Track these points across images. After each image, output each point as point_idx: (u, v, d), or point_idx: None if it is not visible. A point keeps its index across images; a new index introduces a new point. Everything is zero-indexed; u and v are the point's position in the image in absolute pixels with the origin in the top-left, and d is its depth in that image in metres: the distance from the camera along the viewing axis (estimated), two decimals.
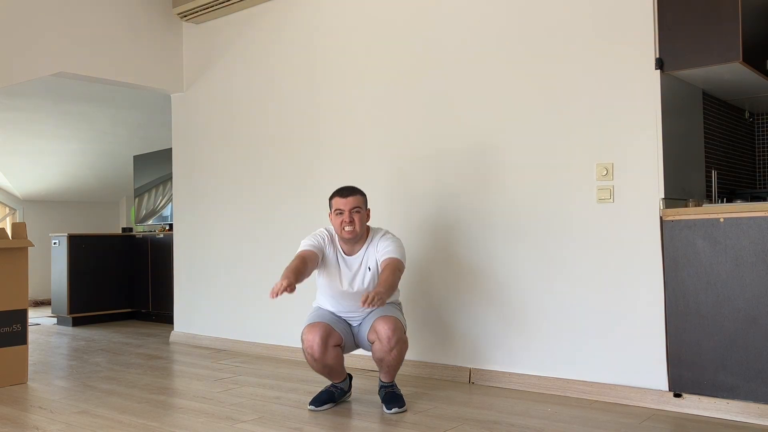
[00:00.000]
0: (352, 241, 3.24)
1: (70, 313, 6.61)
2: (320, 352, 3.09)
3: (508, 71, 3.63)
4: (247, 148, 4.91)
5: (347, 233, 3.18)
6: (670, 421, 2.93)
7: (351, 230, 3.18)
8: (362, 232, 3.25)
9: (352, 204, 3.19)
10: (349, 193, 3.22)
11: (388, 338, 3.03)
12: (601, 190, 3.30)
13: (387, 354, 3.08)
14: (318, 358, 3.10)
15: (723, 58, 3.03)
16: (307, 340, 3.11)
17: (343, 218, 3.17)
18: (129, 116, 7.38)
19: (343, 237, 3.22)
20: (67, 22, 4.64)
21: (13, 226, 3.99)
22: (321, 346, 3.08)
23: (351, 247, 3.26)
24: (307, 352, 3.12)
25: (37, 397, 3.57)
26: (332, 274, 3.24)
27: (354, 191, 3.24)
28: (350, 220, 3.17)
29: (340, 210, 3.20)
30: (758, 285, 2.87)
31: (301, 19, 4.59)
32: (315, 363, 3.14)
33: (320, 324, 3.15)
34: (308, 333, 3.12)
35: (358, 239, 3.24)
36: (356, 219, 3.18)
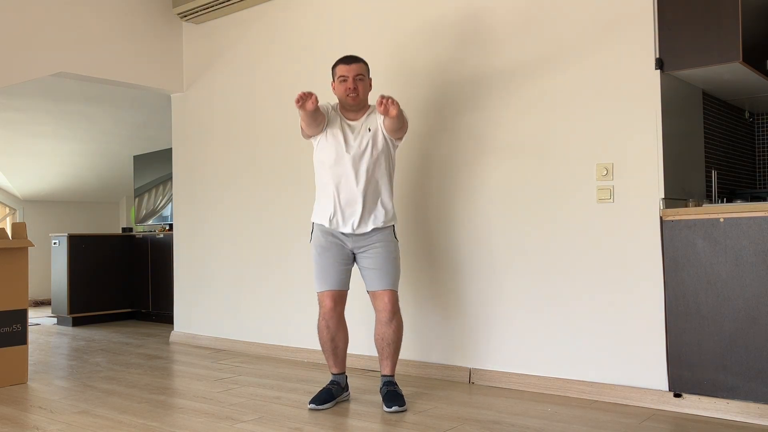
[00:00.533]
0: (356, 108, 3.29)
1: (70, 313, 6.61)
2: (335, 326, 3.30)
3: (507, 71, 3.63)
4: (247, 148, 4.91)
5: (351, 99, 3.24)
6: (670, 421, 2.93)
7: (355, 96, 3.23)
8: (365, 100, 3.31)
9: (355, 71, 3.24)
10: (353, 60, 3.28)
11: (393, 304, 3.23)
12: (601, 190, 3.30)
13: (387, 326, 3.23)
14: (332, 327, 3.30)
15: (723, 58, 3.03)
16: (326, 305, 3.28)
17: (347, 85, 3.23)
18: (129, 116, 7.38)
19: (346, 103, 3.27)
20: (66, 22, 4.64)
21: (13, 226, 4.00)
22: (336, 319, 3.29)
23: (354, 114, 3.30)
24: (323, 317, 3.30)
25: (37, 397, 3.57)
26: (335, 135, 3.25)
27: (357, 59, 3.29)
28: (354, 86, 3.23)
29: (343, 77, 3.24)
30: (758, 285, 2.87)
31: (301, 19, 4.59)
32: (327, 331, 3.30)
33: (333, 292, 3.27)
34: (327, 298, 3.27)
35: (360, 107, 3.30)
36: (360, 86, 3.25)
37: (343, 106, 3.31)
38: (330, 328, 3.30)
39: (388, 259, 3.26)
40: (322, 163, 3.30)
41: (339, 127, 3.27)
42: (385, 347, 3.27)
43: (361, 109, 3.31)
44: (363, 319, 4.06)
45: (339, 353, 3.35)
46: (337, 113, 3.31)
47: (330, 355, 3.35)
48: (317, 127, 3.24)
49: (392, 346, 3.26)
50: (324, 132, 3.28)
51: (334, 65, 3.32)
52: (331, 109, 3.31)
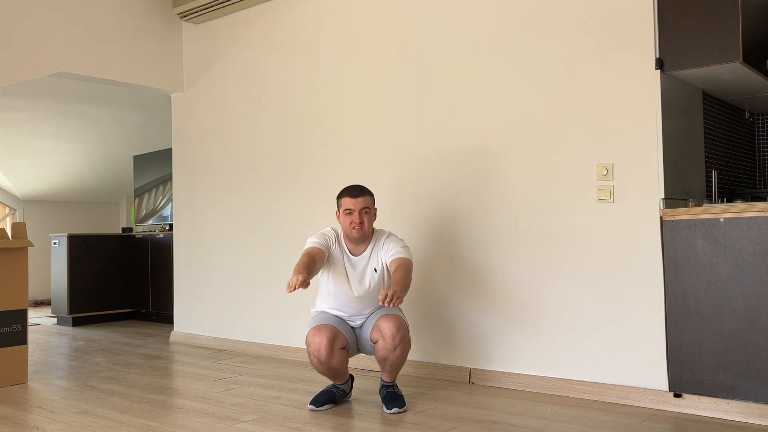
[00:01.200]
0: (359, 241, 3.25)
1: (70, 313, 6.61)
2: (327, 355, 3.09)
3: (508, 71, 3.63)
4: (247, 147, 4.91)
5: (356, 233, 3.20)
6: (670, 421, 2.93)
7: (360, 230, 3.20)
8: (370, 232, 3.28)
9: (361, 204, 3.21)
10: (359, 193, 3.24)
11: (393, 336, 3.04)
12: (601, 190, 3.30)
13: (391, 352, 3.08)
14: (324, 360, 3.10)
15: (723, 58, 3.03)
16: (314, 343, 3.09)
17: (353, 219, 3.19)
18: (129, 116, 7.38)
19: (351, 236, 3.24)
20: (67, 21, 4.64)
21: (13, 226, 3.99)
22: (328, 348, 3.08)
23: (357, 246, 3.27)
24: (313, 355, 3.11)
25: (37, 397, 3.57)
26: (339, 273, 3.25)
27: (363, 191, 3.26)
28: (360, 220, 3.19)
29: (349, 210, 3.21)
30: (758, 285, 2.87)
31: (301, 19, 4.59)
32: (321, 366, 3.13)
33: (326, 326, 3.14)
34: (315, 336, 3.11)
35: (365, 239, 3.27)
36: (365, 219, 3.21)
37: (347, 236, 3.27)
38: (322, 362, 3.11)
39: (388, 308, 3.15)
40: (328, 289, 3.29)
41: (342, 265, 3.25)
42: (387, 366, 3.17)
43: (365, 240, 3.28)
44: None
45: (340, 372, 3.23)
46: (340, 248, 3.27)
47: (331, 378, 3.26)
48: (321, 268, 3.21)
49: (395, 364, 3.16)
50: (326, 270, 3.27)
51: (340, 195, 3.27)
52: (334, 243, 3.27)
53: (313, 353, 3.11)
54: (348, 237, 3.26)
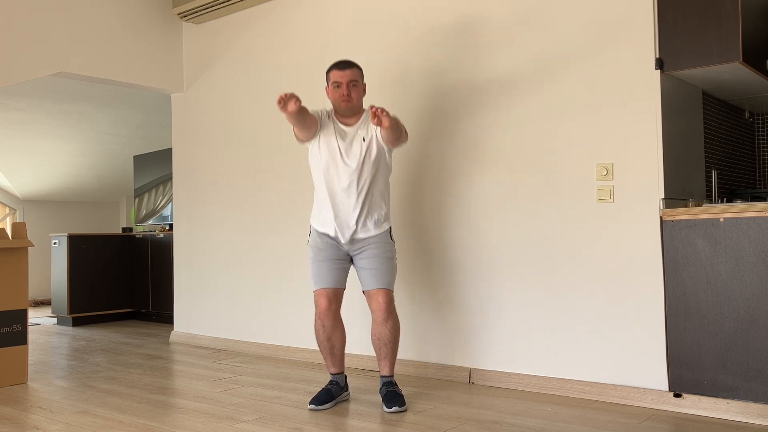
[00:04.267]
0: (350, 113, 3.28)
1: (70, 313, 6.61)
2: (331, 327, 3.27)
3: (507, 71, 3.63)
4: (247, 148, 4.91)
5: (344, 104, 3.24)
6: (670, 421, 2.93)
7: (348, 101, 3.23)
8: (359, 105, 3.30)
9: (349, 77, 3.24)
10: (347, 66, 3.27)
11: (387, 303, 3.21)
12: (601, 190, 3.30)
13: (383, 325, 3.21)
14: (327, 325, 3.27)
15: (723, 58, 3.03)
16: (320, 305, 3.26)
17: (341, 90, 3.23)
18: (129, 116, 7.38)
19: (340, 109, 3.27)
20: (67, 21, 4.64)
21: (13, 226, 4.00)
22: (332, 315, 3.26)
23: (347, 119, 3.30)
24: (318, 317, 3.28)
25: (37, 397, 3.57)
26: (330, 142, 3.25)
27: (351, 64, 3.28)
28: (347, 92, 3.22)
29: (337, 83, 3.24)
30: (758, 285, 2.87)
31: (302, 19, 4.59)
32: (323, 330, 3.28)
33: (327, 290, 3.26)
34: (321, 297, 3.26)
35: (354, 112, 3.29)
36: (353, 91, 3.24)
37: (337, 111, 3.30)
38: (326, 327, 3.28)
39: (383, 259, 3.26)
40: (317, 169, 3.30)
41: (333, 134, 3.26)
42: (382, 347, 3.25)
43: (355, 114, 3.30)
44: (362, 319, 4.06)
45: (336, 353, 3.34)
46: (331, 119, 3.30)
47: (327, 355, 3.34)
48: (308, 131, 3.22)
49: (389, 345, 3.25)
50: (317, 138, 3.28)
51: (328, 70, 3.31)
52: (325, 115, 3.30)
53: (319, 315, 3.28)
54: (338, 111, 3.30)
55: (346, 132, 3.27)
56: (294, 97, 2.97)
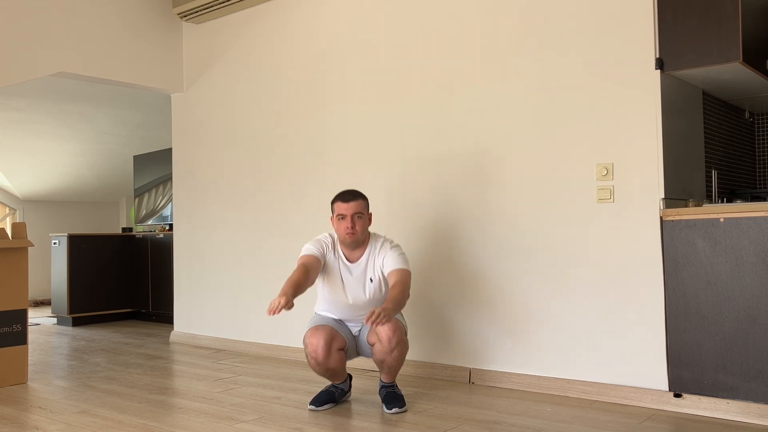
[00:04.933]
0: (353, 245, 3.24)
1: (70, 313, 6.61)
2: (324, 356, 3.10)
3: (508, 72, 3.63)
4: (247, 148, 4.91)
5: (349, 238, 3.19)
6: (670, 421, 2.93)
7: (352, 235, 3.18)
8: (363, 237, 3.25)
9: (354, 209, 3.19)
10: (351, 197, 3.21)
11: (389, 339, 3.03)
12: (601, 190, 3.30)
13: (388, 355, 3.08)
14: (321, 362, 3.11)
15: (723, 58, 3.03)
16: (311, 344, 3.10)
17: (345, 224, 3.17)
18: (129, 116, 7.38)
19: (344, 242, 3.23)
20: (67, 22, 4.64)
21: (13, 226, 4.00)
22: (325, 349, 3.09)
23: (352, 252, 3.26)
24: (310, 356, 3.12)
25: (37, 397, 3.57)
26: (334, 282, 3.24)
27: (356, 196, 3.23)
28: (352, 225, 3.17)
29: (342, 215, 3.19)
30: (758, 285, 2.87)
31: (302, 20, 4.59)
32: (318, 367, 3.14)
33: (324, 327, 3.14)
34: (312, 337, 3.12)
35: (359, 244, 3.25)
36: (358, 224, 3.19)
37: (342, 242, 3.26)
38: (320, 363, 3.13)
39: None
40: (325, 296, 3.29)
41: (338, 273, 3.24)
42: (385, 367, 3.17)
43: (360, 245, 3.26)
44: None
45: (338, 374, 3.25)
46: (336, 255, 3.26)
47: (329, 378, 3.27)
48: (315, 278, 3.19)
49: (393, 366, 3.15)
50: (322, 277, 3.26)
51: (333, 200, 3.25)
52: (330, 250, 3.25)
53: (310, 354, 3.12)
54: (342, 242, 3.25)
55: (352, 269, 3.24)
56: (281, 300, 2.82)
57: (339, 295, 3.23)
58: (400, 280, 3.08)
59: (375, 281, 3.23)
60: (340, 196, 3.24)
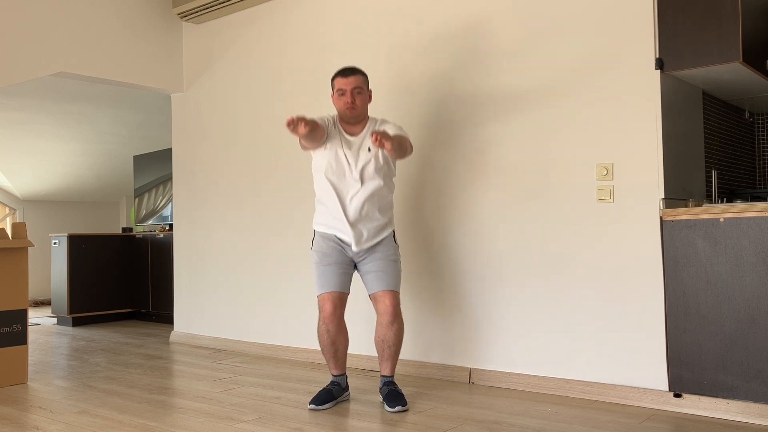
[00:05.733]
0: (354, 120, 3.27)
1: (70, 313, 6.61)
2: (336, 330, 3.26)
3: (508, 72, 3.63)
4: (247, 148, 4.91)
5: (349, 111, 3.22)
6: (670, 421, 2.93)
7: (352, 109, 3.22)
8: (364, 113, 3.29)
9: (353, 84, 3.22)
10: (351, 72, 3.25)
11: (394, 306, 3.20)
12: (601, 190, 3.30)
13: (389, 328, 3.21)
14: (333, 332, 3.26)
15: (723, 58, 3.03)
16: (326, 310, 3.24)
17: (345, 98, 3.22)
18: (129, 116, 7.38)
19: (345, 117, 3.26)
20: (67, 22, 4.64)
21: (13, 226, 4.00)
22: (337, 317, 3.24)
23: (352, 127, 3.29)
24: (323, 321, 3.26)
25: (37, 397, 3.57)
26: (336, 151, 3.23)
27: (355, 71, 3.27)
28: (352, 99, 3.21)
29: (342, 90, 3.23)
30: (758, 285, 2.87)
31: (302, 20, 4.59)
32: (327, 335, 3.26)
33: (335, 294, 3.24)
34: (326, 301, 3.24)
35: (359, 119, 3.28)
36: (358, 99, 3.23)
37: (342, 118, 3.29)
38: (330, 332, 3.26)
39: (388, 262, 3.26)
40: (322, 175, 3.29)
41: (339, 144, 3.25)
42: (386, 349, 3.26)
43: (361, 121, 3.29)
44: (363, 319, 4.06)
45: (339, 356, 3.34)
46: (336, 128, 3.28)
47: (330, 358, 3.33)
48: (317, 142, 3.21)
49: (393, 348, 3.26)
50: (324, 147, 3.27)
51: (333, 77, 3.30)
52: (331, 124, 3.29)
53: (324, 320, 3.25)
54: (343, 118, 3.28)
55: (352, 142, 3.26)
56: (302, 119, 2.93)
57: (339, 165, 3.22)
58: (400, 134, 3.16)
59: (373, 151, 3.24)
60: (340, 72, 3.28)
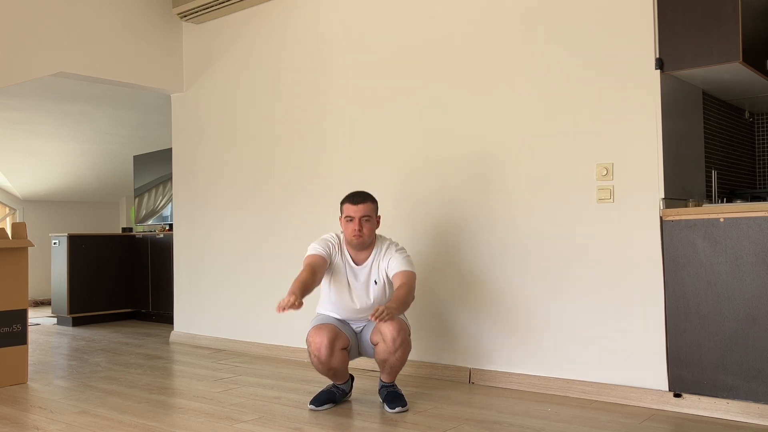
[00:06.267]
0: (360, 247, 3.26)
1: (70, 313, 6.61)
2: (327, 355, 3.10)
3: (508, 72, 3.63)
4: (247, 148, 4.91)
5: (356, 240, 3.21)
6: (670, 421, 2.93)
7: (359, 238, 3.20)
8: (370, 240, 3.27)
9: (362, 212, 3.20)
10: (361, 200, 3.23)
11: (393, 339, 3.04)
12: (601, 190, 3.30)
13: (391, 355, 3.09)
14: (324, 360, 3.11)
15: (723, 58, 3.03)
16: (314, 343, 3.11)
17: (353, 226, 3.20)
18: (129, 116, 7.38)
19: (351, 243, 3.24)
20: (66, 22, 4.64)
21: (13, 226, 4.00)
22: (328, 348, 3.09)
23: (358, 253, 3.27)
24: (313, 354, 3.12)
25: (37, 397, 3.57)
26: (340, 283, 3.25)
27: (365, 198, 3.25)
28: (360, 228, 3.19)
29: (350, 217, 3.21)
30: (758, 285, 2.87)
31: (302, 20, 4.59)
32: (321, 366, 3.14)
33: (327, 326, 3.15)
34: (315, 335, 3.12)
35: (365, 246, 3.26)
36: (366, 227, 3.21)
37: (348, 243, 3.27)
38: (322, 361, 3.13)
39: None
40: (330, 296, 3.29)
41: (344, 275, 3.25)
42: (387, 367, 3.19)
43: (367, 248, 3.28)
44: None
45: (339, 374, 3.25)
46: (342, 256, 3.27)
47: (331, 377, 3.27)
48: (322, 278, 3.21)
49: (395, 367, 3.18)
50: (328, 277, 3.27)
51: (343, 201, 3.28)
52: (336, 251, 3.26)
53: (313, 353, 3.12)
54: (349, 244, 3.27)
55: (357, 272, 3.26)
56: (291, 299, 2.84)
57: (344, 296, 3.24)
58: (405, 282, 3.10)
59: (379, 283, 3.24)
60: (349, 198, 3.26)
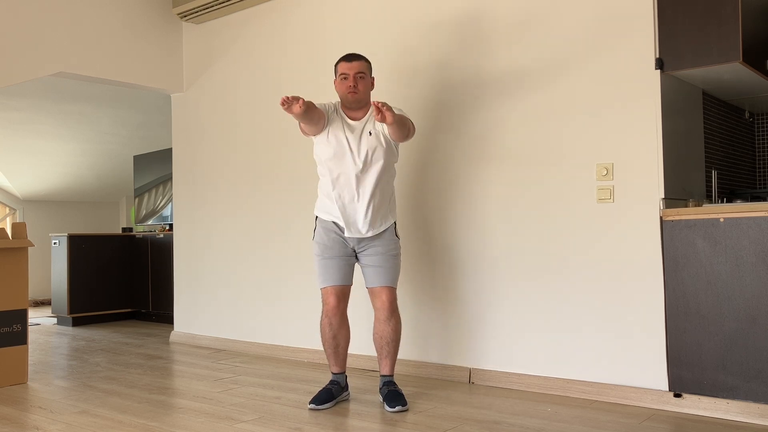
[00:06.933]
0: (357, 106, 3.27)
1: (70, 313, 6.61)
2: (338, 324, 3.29)
3: (507, 71, 3.63)
4: (247, 148, 4.91)
5: (351, 96, 3.23)
6: (670, 421, 2.93)
7: (354, 93, 3.22)
8: (366, 98, 3.30)
9: (356, 69, 3.24)
10: (354, 58, 3.27)
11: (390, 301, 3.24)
12: (601, 190, 3.30)
13: (386, 324, 3.24)
14: (335, 326, 3.29)
15: (723, 58, 3.03)
16: (329, 303, 3.28)
17: (348, 82, 3.23)
18: (129, 116, 7.38)
19: (347, 101, 3.26)
20: (67, 22, 4.64)
21: (13, 226, 4.00)
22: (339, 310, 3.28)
23: (354, 112, 3.29)
24: (326, 315, 3.29)
25: (37, 397, 3.57)
26: (338, 136, 3.23)
27: (359, 57, 3.29)
28: (354, 84, 3.22)
29: (344, 74, 3.24)
30: (758, 285, 2.87)
31: (302, 19, 4.59)
32: (329, 329, 3.29)
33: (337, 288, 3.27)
34: (330, 294, 3.27)
35: (361, 105, 3.28)
36: (360, 83, 3.24)
37: (344, 104, 3.30)
38: (332, 325, 3.29)
39: (387, 256, 3.27)
40: (323, 162, 3.28)
41: (341, 129, 3.25)
42: (384, 346, 3.27)
43: (363, 107, 3.30)
44: (363, 318, 4.06)
45: (340, 352, 3.35)
46: (338, 113, 3.29)
47: (331, 354, 3.34)
48: (316, 126, 3.21)
49: (391, 344, 3.27)
50: (325, 131, 3.26)
51: (337, 63, 3.31)
52: (333, 109, 3.30)
53: (326, 313, 3.29)
54: (345, 104, 3.29)
55: (354, 126, 3.26)
56: (298, 99, 2.95)
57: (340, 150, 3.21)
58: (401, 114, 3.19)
59: (374, 134, 3.24)
60: (343, 57, 3.30)
